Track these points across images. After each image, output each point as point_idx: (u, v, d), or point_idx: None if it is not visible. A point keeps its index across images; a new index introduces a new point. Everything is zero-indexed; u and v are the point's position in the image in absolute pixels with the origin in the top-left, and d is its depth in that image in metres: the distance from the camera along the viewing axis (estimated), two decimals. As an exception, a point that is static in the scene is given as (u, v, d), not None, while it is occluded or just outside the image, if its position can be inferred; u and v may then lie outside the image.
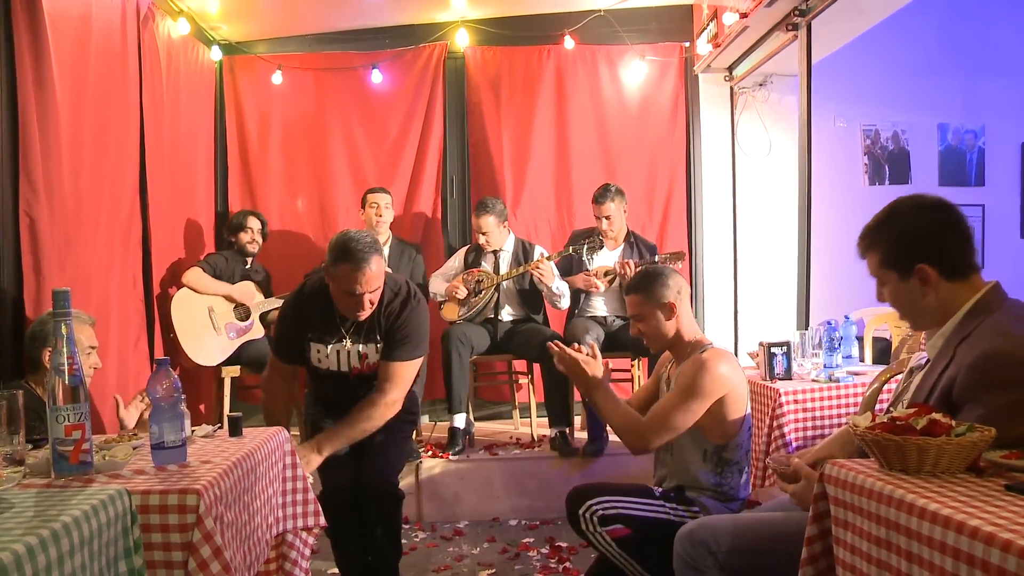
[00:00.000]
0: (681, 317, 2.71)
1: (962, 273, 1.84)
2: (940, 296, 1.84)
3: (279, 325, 3.13)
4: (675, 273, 2.76)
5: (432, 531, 4.25)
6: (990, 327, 1.75)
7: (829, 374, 3.39)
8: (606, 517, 2.49)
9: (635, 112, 5.77)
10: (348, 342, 2.98)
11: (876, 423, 1.56)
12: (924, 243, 1.85)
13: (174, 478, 1.78)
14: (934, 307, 1.85)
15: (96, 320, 3.07)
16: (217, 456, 1.98)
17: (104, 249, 4.12)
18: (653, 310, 2.70)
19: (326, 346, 2.99)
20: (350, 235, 2.80)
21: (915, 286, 1.85)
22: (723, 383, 2.57)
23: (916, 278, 1.84)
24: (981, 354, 1.69)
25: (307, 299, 3.03)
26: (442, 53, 5.72)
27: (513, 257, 4.91)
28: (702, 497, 2.63)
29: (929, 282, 1.83)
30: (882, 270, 1.91)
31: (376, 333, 2.99)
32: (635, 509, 2.53)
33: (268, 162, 5.75)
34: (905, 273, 1.86)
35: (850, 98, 5.97)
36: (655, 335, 2.74)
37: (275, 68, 5.63)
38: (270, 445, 2.26)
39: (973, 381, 1.68)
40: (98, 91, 4.04)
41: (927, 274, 1.83)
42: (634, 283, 2.76)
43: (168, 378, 1.92)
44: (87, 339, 2.87)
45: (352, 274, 2.75)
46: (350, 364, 3.00)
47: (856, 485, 1.52)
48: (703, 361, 2.59)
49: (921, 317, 1.92)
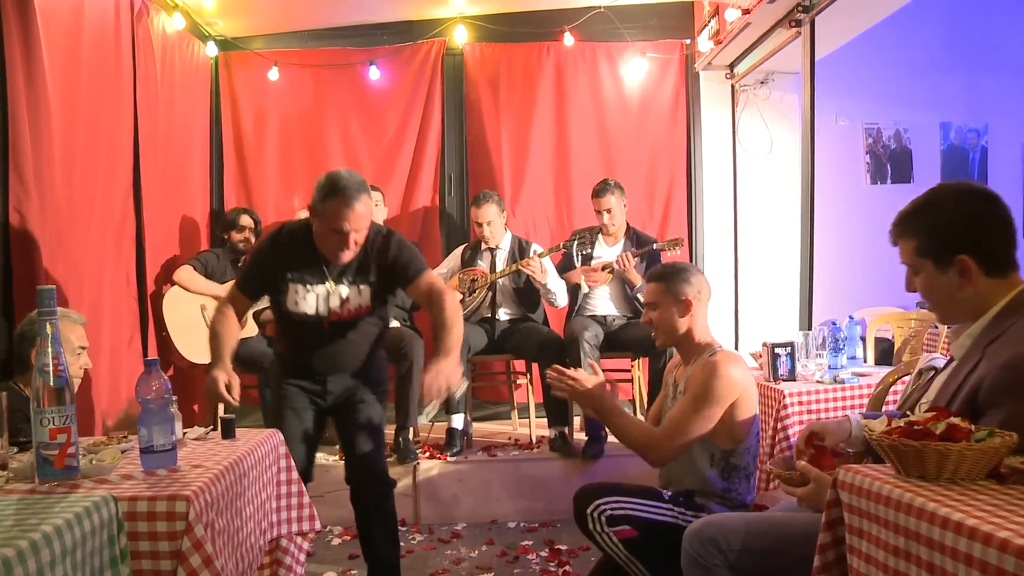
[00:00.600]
0: (695, 317, 2.66)
1: (1002, 269, 1.75)
2: (978, 291, 1.75)
3: (252, 260, 3.02)
4: (701, 274, 2.71)
5: (430, 533, 4.19)
6: (1022, 329, 1.67)
7: (834, 375, 3.33)
8: (614, 517, 2.44)
9: (635, 110, 5.73)
10: (331, 283, 2.90)
11: (893, 427, 1.50)
12: (967, 232, 1.75)
13: (163, 483, 1.71)
14: (969, 302, 1.76)
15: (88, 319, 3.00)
16: (209, 460, 1.92)
17: (97, 247, 4.07)
18: (669, 302, 2.65)
19: (306, 287, 2.90)
20: (340, 172, 2.77)
21: (952, 278, 1.76)
22: (735, 387, 2.53)
23: (955, 269, 1.75)
24: (1015, 355, 1.60)
25: (286, 239, 2.95)
26: (440, 49, 5.68)
27: (510, 255, 4.85)
28: (710, 503, 2.58)
29: (968, 275, 1.74)
30: (917, 258, 1.81)
31: (368, 273, 2.93)
32: (643, 511, 2.48)
33: (264, 159, 5.70)
34: (943, 263, 1.76)
35: (852, 96, 5.92)
36: (665, 328, 2.68)
37: (271, 64, 5.58)
38: (264, 448, 2.20)
39: (1003, 384, 1.60)
40: (91, 86, 3.98)
41: (967, 266, 1.73)
42: (658, 271, 2.70)
43: (158, 379, 1.86)
44: (77, 339, 2.80)
45: (342, 210, 2.70)
46: (329, 307, 2.92)
47: (872, 492, 1.46)
48: (714, 365, 2.53)
49: (953, 311, 1.82)
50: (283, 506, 2.32)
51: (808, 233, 4.32)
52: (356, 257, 2.87)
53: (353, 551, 3.90)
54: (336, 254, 2.80)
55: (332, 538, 4.12)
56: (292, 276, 2.90)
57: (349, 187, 2.70)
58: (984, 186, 1.83)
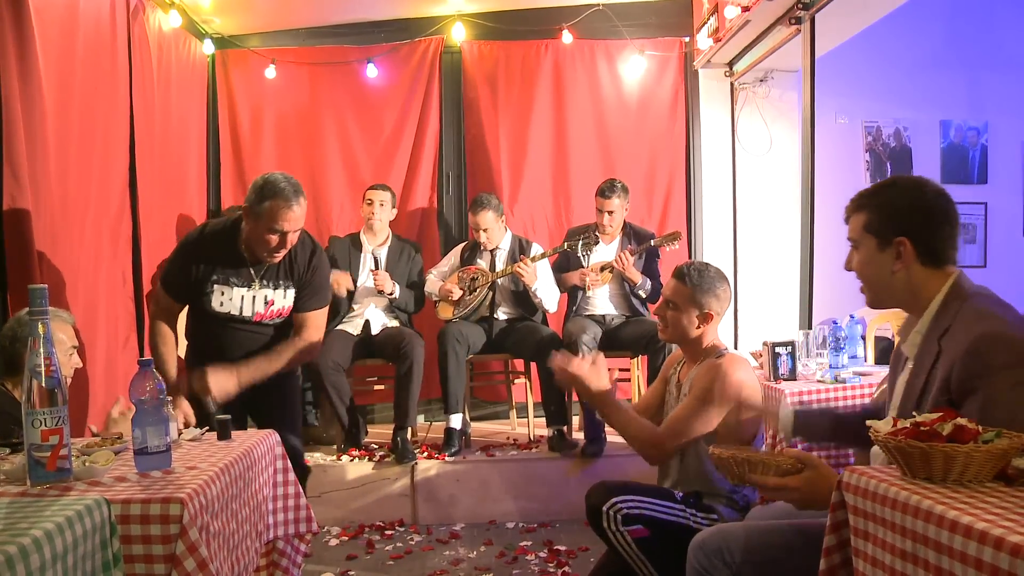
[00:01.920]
0: (709, 329, 2.64)
1: (936, 261, 1.82)
2: (910, 278, 1.83)
3: (175, 260, 3.05)
4: (728, 284, 2.68)
5: (428, 534, 4.17)
6: (971, 314, 1.72)
7: (835, 375, 3.31)
8: (629, 516, 2.42)
9: (634, 108, 5.70)
10: (256, 285, 2.97)
11: (898, 428, 1.48)
12: (914, 218, 1.84)
13: (157, 486, 1.68)
14: (900, 287, 1.85)
15: (83, 319, 2.99)
16: (204, 461, 1.89)
17: (92, 245, 4.03)
18: (691, 309, 2.62)
19: (232, 288, 2.96)
20: (277, 175, 2.86)
21: (889, 258, 1.84)
22: (739, 389, 2.51)
23: (893, 250, 1.83)
24: (976, 339, 1.64)
25: (209, 240, 2.99)
26: (438, 47, 5.64)
27: (510, 255, 4.83)
28: (718, 504, 2.56)
29: (903, 258, 1.82)
30: (863, 233, 1.89)
31: (289, 279, 3.01)
32: (657, 511, 2.47)
33: (261, 158, 5.65)
34: (884, 242, 1.85)
35: (852, 94, 5.89)
36: (676, 330, 2.66)
37: (268, 62, 5.54)
38: (260, 448, 2.17)
39: (972, 370, 1.63)
40: (86, 84, 3.94)
41: (906, 249, 1.82)
42: (694, 273, 2.62)
43: (151, 380, 1.83)
44: (68, 339, 2.77)
45: (281, 211, 2.78)
46: (254, 309, 2.99)
47: (878, 494, 1.44)
48: (719, 367, 2.52)
49: (883, 293, 1.90)
50: (280, 507, 2.29)
51: (808, 231, 4.29)
52: (283, 259, 2.95)
53: (351, 552, 3.88)
54: (271, 254, 2.87)
55: (330, 538, 4.10)
56: (217, 278, 2.96)
57: (287, 189, 2.79)
58: (942, 187, 1.90)
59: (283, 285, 3.01)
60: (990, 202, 6.09)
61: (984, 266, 6.07)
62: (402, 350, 4.44)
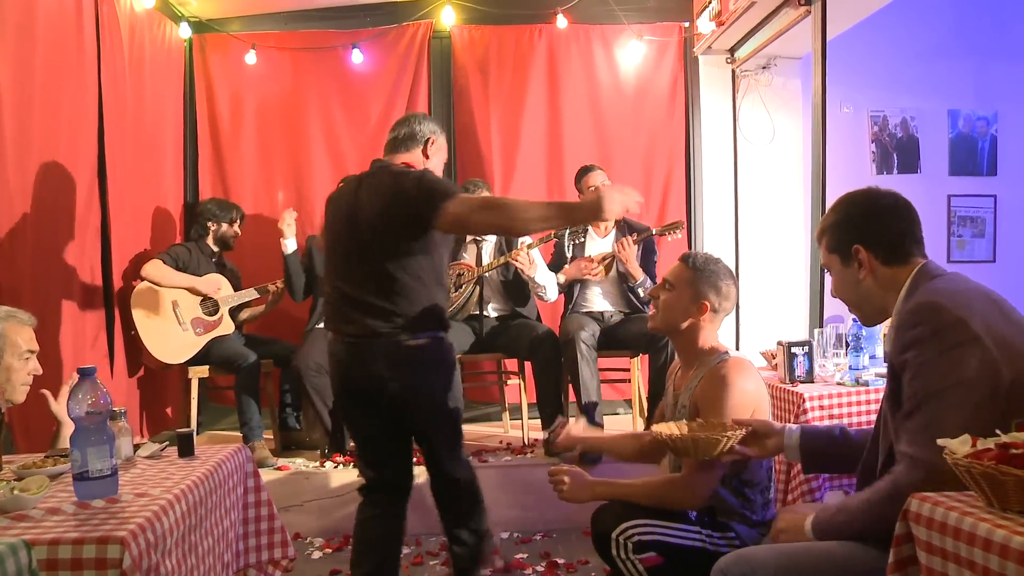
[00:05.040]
0: (704, 323, 2.41)
1: (899, 259, 1.84)
2: (878, 282, 1.85)
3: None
4: (735, 286, 2.47)
5: (417, 545, 3.93)
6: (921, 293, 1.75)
7: (856, 377, 3.07)
8: (642, 543, 2.18)
9: (631, 96, 5.49)
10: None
11: (980, 449, 1.24)
12: (862, 225, 1.88)
13: (95, 520, 1.42)
14: (873, 293, 1.87)
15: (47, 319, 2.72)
16: (158, 486, 1.63)
17: (55, 238, 3.78)
18: (687, 295, 2.40)
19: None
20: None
21: (853, 271, 1.88)
22: (748, 400, 2.29)
23: (854, 261, 1.87)
24: (906, 312, 1.71)
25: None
26: (427, 32, 5.43)
27: (496, 247, 4.59)
28: (732, 522, 2.33)
29: (864, 265, 1.85)
30: (829, 256, 1.94)
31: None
32: (671, 535, 2.23)
33: (241, 148, 5.42)
34: (845, 257, 1.89)
35: (857, 83, 5.66)
36: (667, 315, 2.44)
37: (249, 47, 5.30)
38: (228, 467, 1.91)
39: (900, 342, 1.66)
40: (48, 65, 3.69)
41: (862, 256, 1.85)
42: (699, 259, 2.44)
43: (94, 392, 1.56)
44: (25, 342, 2.50)
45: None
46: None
47: (960, 530, 1.20)
48: (723, 378, 2.28)
49: (864, 305, 1.92)
50: (251, 532, 2.03)
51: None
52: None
53: (335, 566, 3.64)
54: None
55: (312, 551, 3.86)
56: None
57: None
58: (889, 189, 1.93)
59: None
60: (1000, 195, 5.87)
61: (993, 261, 5.86)
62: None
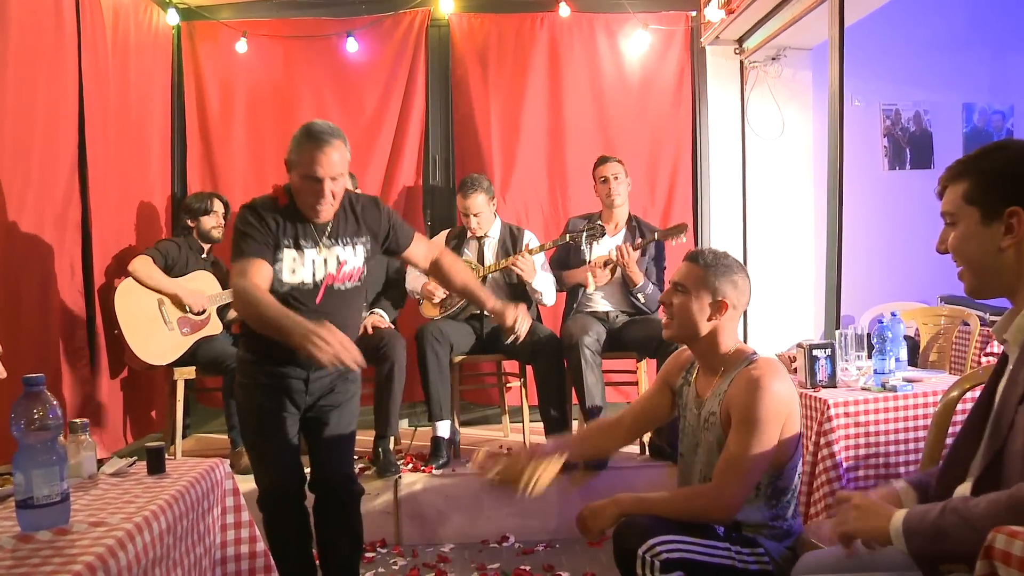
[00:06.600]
0: (724, 324, 2.26)
1: None
2: (1021, 255, 1.52)
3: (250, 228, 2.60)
4: (749, 280, 2.31)
5: (413, 556, 3.76)
6: None
7: (883, 381, 2.89)
8: (670, 562, 2.01)
9: (636, 87, 5.30)
10: (324, 246, 2.66)
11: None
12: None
13: (38, 557, 1.22)
14: (1009, 266, 1.53)
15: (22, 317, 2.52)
16: (119, 511, 1.43)
17: (32, 233, 3.59)
18: (703, 295, 2.24)
19: (302, 252, 2.62)
20: (315, 120, 2.62)
21: (996, 233, 1.53)
22: (783, 405, 2.14)
23: (1002, 223, 1.52)
24: None
25: (263, 208, 2.62)
26: (424, 20, 5.23)
27: (500, 244, 4.41)
28: (759, 537, 2.17)
29: (1016, 232, 1.50)
30: (963, 204, 1.57)
31: (358, 231, 2.72)
32: (700, 553, 2.07)
33: (231, 139, 5.21)
34: (990, 213, 1.53)
35: (868, 75, 5.49)
36: (684, 320, 2.27)
37: (239, 35, 5.09)
38: (202, 486, 1.72)
39: None
40: (23, 50, 3.49)
41: (1019, 220, 1.50)
42: (708, 255, 2.29)
43: (40, 405, 1.35)
44: (-16, 342, 2.32)
45: (314, 153, 2.51)
46: (325, 271, 2.66)
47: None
48: (756, 382, 2.12)
49: (987, 276, 1.58)
50: (231, 556, 1.84)
51: (836, 222, 3.89)
52: (341, 215, 2.67)
53: None
54: (314, 208, 2.56)
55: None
56: (287, 243, 2.61)
57: (323, 132, 2.53)
58: None
59: (357, 238, 2.71)
60: (1015, 191, 5.72)
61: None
62: (381, 351, 4.00)
